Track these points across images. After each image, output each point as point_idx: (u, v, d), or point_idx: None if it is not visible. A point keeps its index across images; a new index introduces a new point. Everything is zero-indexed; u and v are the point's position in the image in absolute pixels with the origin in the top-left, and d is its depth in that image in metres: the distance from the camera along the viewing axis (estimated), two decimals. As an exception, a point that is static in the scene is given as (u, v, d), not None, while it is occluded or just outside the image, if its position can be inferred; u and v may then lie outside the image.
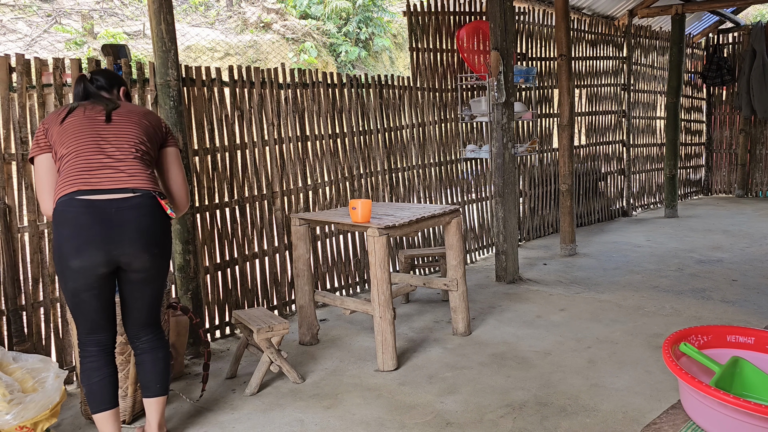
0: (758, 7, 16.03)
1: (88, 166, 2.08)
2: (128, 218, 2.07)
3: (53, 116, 2.24)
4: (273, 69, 4.10)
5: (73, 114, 2.20)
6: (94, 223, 2.03)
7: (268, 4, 12.99)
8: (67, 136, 2.14)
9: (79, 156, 2.09)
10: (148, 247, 2.13)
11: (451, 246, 3.68)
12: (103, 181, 2.07)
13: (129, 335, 2.42)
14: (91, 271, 2.07)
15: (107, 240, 2.05)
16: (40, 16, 10.92)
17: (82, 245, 2.03)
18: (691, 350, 1.15)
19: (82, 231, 2.03)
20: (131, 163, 2.14)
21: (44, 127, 2.21)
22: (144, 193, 2.12)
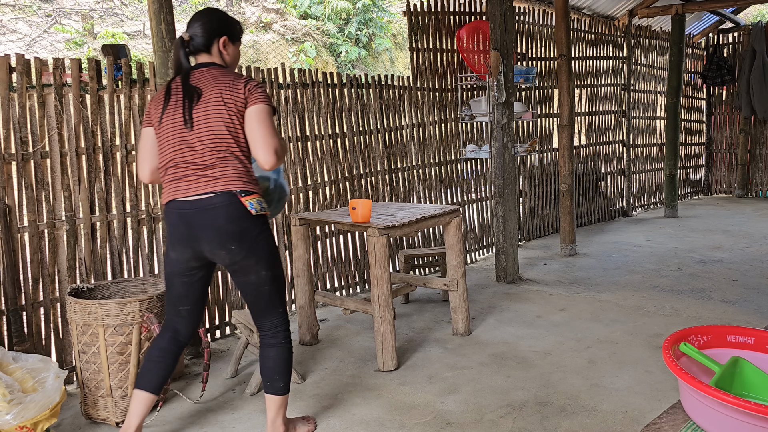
0: (758, 7, 16.04)
1: (178, 176, 2.28)
2: (205, 219, 2.25)
3: (155, 102, 2.36)
4: (273, 69, 4.10)
5: (166, 113, 2.30)
6: (180, 224, 2.29)
7: (268, 4, 12.99)
8: (162, 141, 2.32)
9: (169, 168, 2.30)
10: (223, 244, 2.27)
11: (451, 246, 3.68)
12: (189, 188, 2.27)
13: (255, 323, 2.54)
14: (182, 263, 2.34)
15: (190, 238, 2.29)
16: (40, 16, 10.92)
17: (174, 242, 2.32)
18: (691, 350, 1.15)
19: (174, 230, 2.31)
20: (213, 168, 2.25)
21: (148, 108, 2.39)
22: (222, 194, 2.24)
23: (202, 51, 2.35)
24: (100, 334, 2.68)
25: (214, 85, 2.26)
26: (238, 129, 2.25)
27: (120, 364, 2.72)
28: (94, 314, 2.67)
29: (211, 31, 2.34)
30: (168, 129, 2.29)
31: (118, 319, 2.68)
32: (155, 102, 2.36)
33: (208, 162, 2.24)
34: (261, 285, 2.36)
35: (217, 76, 2.29)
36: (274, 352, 2.42)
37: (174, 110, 2.28)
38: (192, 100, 2.25)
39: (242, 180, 2.26)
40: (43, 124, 3.09)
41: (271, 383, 2.42)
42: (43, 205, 3.11)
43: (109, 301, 2.68)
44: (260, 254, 2.31)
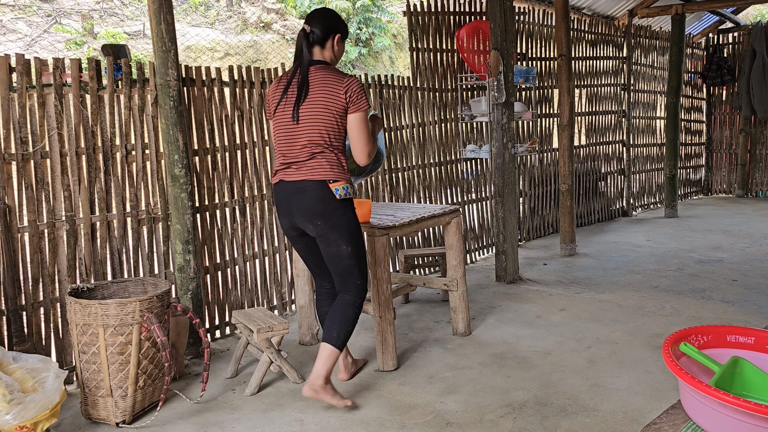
0: (758, 7, 16.04)
1: (285, 164, 2.71)
2: (300, 198, 2.68)
3: (274, 93, 2.74)
4: (273, 69, 4.10)
5: (280, 106, 2.69)
6: (282, 200, 2.73)
7: (268, 4, 12.99)
8: (275, 132, 2.74)
9: (279, 157, 2.73)
10: (311, 219, 2.69)
11: (451, 246, 3.68)
12: (292, 174, 2.69)
13: (324, 290, 3.00)
14: (287, 232, 2.82)
15: (288, 212, 2.73)
16: (40, 16, 10.92)
17: (280, 214, 2.79)
18: (691, 350, 1.15)
19: (279, 205, 2.75)
20: (312, 161, 2.66)
21: (268, 99, 2.79)
22: (315, 181, 2.66)
23: (317, 44, 2.69)
24: (100, 334, 2.68)
25: (321, 87, 2.62)
26: (338, 128, 2.66)
27: (120, 364, 2.72)
28: (94, 314, 2.67)
29: (329, 27, 2.69)
30: (280, 122, 2.69)
31: (118, 319, 2.68)
32: (273, 93, 2.73)
33: (308, 155, 2.65)
34: (341, 257, 2.75)
35: (324, 78, 2.64)
36: (341, 307, 2.78)
37: (286, 105, 2.67)
38: (302, 98, 2.62)
39: (334, 171, 2.66)
40: (43, 124, 3.09)
41: (328, 331, 2.74)
42: (43, 205, 3.11)
43: (109, 301, 2.68)
44: (341, 231, 2.70)
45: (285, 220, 2.78)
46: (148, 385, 2.83)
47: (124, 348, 2.72)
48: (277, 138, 2.72)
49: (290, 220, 2.75)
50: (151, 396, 2.88)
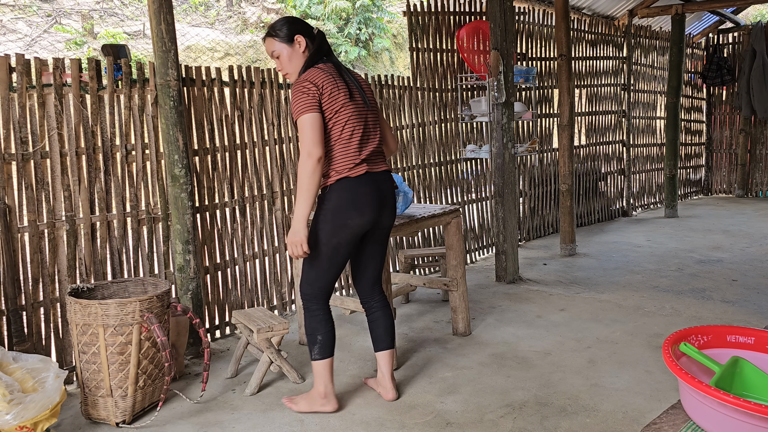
0: (758, 7, 16.03)
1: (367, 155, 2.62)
2: (389, 189, 2.70)
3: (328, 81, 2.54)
4: (273, 69, 4.10)
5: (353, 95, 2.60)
6: (373, 192, 2.62)
7: (268, 4, 13.00)
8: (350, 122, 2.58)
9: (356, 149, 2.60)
10: (393, 210, 2.76)
11: (451, 246, 3.68)
12: (377, 165, 2.67)
13: (364, 295, 2.89)
14: (360, 230, 2.63)
15: (379, 205, 2.65)
16: (40, 16, 10.92)
17: (362, 209, 2.59)
18: (691, 350, 1.15)
19: (367, 197, 2.60)
20: (381, 149, 2.73)
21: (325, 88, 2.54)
22: (389, 172, 2.75)
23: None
24: (100, 334, 2.68)
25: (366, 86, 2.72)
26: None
27: (120, 364, 2.72)
28: (94, 314, 2.67)
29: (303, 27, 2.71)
30: (355, 112, 2.59)
31: (118, 319, 2.68)
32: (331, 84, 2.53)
33: (379, 142, 2.69)
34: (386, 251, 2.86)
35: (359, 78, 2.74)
36: (390, 311, 2.89)
37: (355, 96, 2.60)
38: (362, 93, 2.64)
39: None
40: (43, 124, 3.09)
41: (393, 339, 2.89)
42: (43, 205, 3.11)
43: (109, 301, 2.68)
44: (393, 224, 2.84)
45: (369, 215, 2.62)
46: (148, 385, 2.83)
47: (124, 348, 2.72)
48: (355, 129, 2.59)
49: (376, 214, 2.64)
50: (151, 396, 2.88)
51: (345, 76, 2.61)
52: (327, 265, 2.64)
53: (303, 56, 2.62)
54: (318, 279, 2.67)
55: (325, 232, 2.59)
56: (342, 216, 2.57)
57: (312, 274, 2.67)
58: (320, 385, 2.72)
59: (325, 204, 2.60)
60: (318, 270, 2.65)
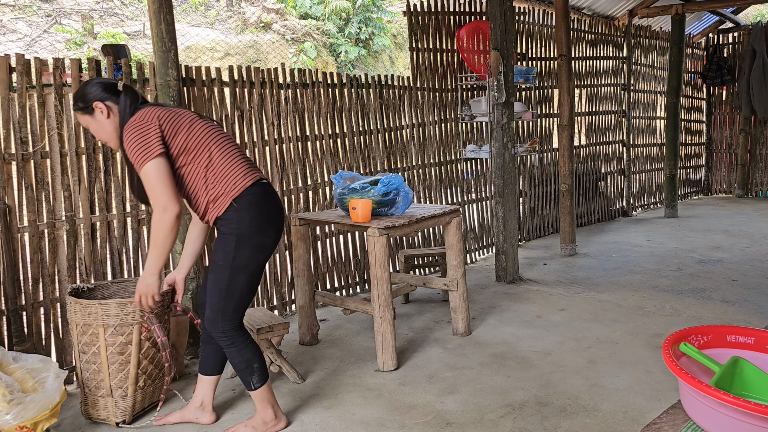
0: (758, 7, 16.03)
1: (249, 161, 2.50)
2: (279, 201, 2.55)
3: (183, 113, 2.41)
4: (273, 69, 4.10)
5: (189, 119, 2.41)
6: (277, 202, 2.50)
7: (268, 4, 12.99)
8: (221, 135, 2.45)
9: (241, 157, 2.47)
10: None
11: (451, 246, 3.68)
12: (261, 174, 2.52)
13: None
14: (276, 242, 2.47)
15: (282, 216, 2.51)
16: (40, 16, 10.92)
17: (275, 219, 2.45)
18: (691, 350, 1.15)
19: (273, 211, 2.44)
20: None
21: (179, 117, 2.38)
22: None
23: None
24: (101, 334, 2.68)
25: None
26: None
27: (120, 364, 2.72)
28: (95, 314, 2.67)
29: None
30: (210, 126, 2.42)
31: (119, 319, 2.68)
32: (187, 114, 2.40)
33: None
34: None
35: None
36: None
37: (197, 118, 2.42)
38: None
39: None
40: (43, 124, 3.09)
41: (221, 368, 2.74)
42: (43, 205, 3.11)
43: (109, 301, 2.68)
44: None
45: (279, 226, 2.47)
46: (148, 385, 2.83)
47: (125, 348, 2.72)
48: (224, 141, 2.43)
49: (282, 226, 2.51)
50: (151, 396, 2.88)
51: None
52: (248, 295, 2.43)
53: (113, 119, 2.37)
54: (238, 311, 2.44)
55: (243, 260, 2.36)
56: (258, 236, 2.37)
57: (231, 307, 2.41)
58: (267, 409, 2.57)
59: (233, 229, 2.35)
60: (240, 301, 2.42)
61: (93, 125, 2.39)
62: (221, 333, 2.42)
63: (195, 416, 2.72)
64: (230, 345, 2.45)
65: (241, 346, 2.45)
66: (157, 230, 2.25)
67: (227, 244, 2.34)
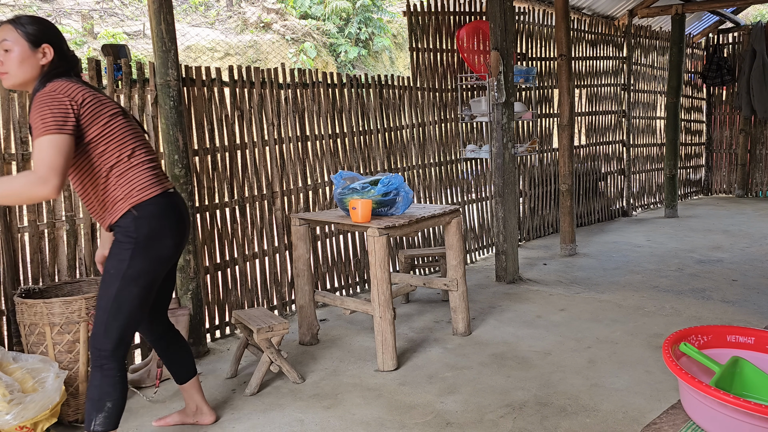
0: (758, 7, 16.03)
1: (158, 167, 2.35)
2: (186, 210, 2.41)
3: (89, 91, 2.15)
4: (273, 69, 4.10)
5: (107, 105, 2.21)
6: (184, 215, 2.35)
7: (268, 4, 12.99)
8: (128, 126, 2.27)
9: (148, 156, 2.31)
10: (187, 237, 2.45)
11: (451, 246, 3.68)
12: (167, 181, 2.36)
13: (161, 329, 2.55)
14: (172, 259, 2.29)
15: (185, 230, 2.36)
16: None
17: (175, 233, 2.28)
18: (691, 350, 1.15)
19: (181, 221, 2.31)
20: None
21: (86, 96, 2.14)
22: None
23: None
24: (47, 333, 2.68)
25: None
26: None
27: (69, 362, 2.72)
28: (40, 313, 2.66)
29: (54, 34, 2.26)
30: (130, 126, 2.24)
31: (64, 317, 2.67)
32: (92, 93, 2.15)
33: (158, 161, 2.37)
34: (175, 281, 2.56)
35: None
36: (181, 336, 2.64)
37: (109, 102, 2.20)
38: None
39: None
40: (43, 124, 3.09)
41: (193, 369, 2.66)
42: (43, 205, 3.11)
43: (54, 300, 2.68)
44: None
45: (181, 240, 2.31)
46: None
47: (72, 346, 2.72)
48: (137, 144, 2.23)
49: (184, 239, 2.34)
50: None
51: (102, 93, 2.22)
52: (138, 312, 2.22)
53: (38, 68, 2.15)
54: (124, 330, 2.19)
55: (137, 270, 2.16)
56: (156, 247, 2.20)
57: (116, 325, 2.16)
58: None
59: (130, 237, 2.17)
60: (128, 319, 2.18)
61: (17, 53, 2.10)
62: (97, 349, 2.16)
63: (195, 419, 2.71)
64: (97, 367, 2.16)
65: (104, 374, 2.16)
66: (20, 191, 1.97)
67: (121, 252, 2.16)
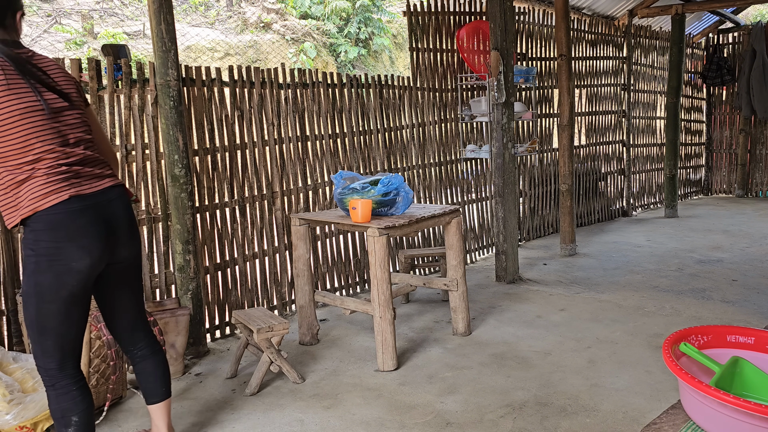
0: (758, 7, 16.04)
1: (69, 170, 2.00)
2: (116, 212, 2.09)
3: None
4: (273, 69, 4.10)
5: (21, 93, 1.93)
6: (96, 221, 2.02)
7: (268, 4, 12.99)
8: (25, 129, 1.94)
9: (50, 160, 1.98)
10: (132, 239, 2.16)
11: (451, 246, 3.68)
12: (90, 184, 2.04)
13: (123, 344, 2.30)
14: (90, 273, 2.01)
15: (100, 237, 2.02)
16: (40, 16, 10.92)
17: (85, 244, 1.98)
18: (691, 350, 1.15)
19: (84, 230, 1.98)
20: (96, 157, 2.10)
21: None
22: (120, 187, 2.14)
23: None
24: None
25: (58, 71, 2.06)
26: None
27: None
28: None
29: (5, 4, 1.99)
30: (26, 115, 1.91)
31: None
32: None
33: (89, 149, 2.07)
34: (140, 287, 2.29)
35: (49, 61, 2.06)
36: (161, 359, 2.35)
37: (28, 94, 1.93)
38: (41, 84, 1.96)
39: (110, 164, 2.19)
40: (43, 124, 3.09)
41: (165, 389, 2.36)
42: (43, 205, 3.11)
43: None
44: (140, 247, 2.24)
45: (96, 251, 1.98)
46: (101, 383, 2.81)
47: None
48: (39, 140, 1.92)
49: (105, 249, 2.01)
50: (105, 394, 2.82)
51: (26, 67, 1.94)
52: (64, 327, 2.00)
53: None
54: (61, 346, 2.01)
55: (47, 285, 1.94)
56: (63, 259, 1.93)
57: (49, 343, 1.99)
58: None
59: (32, 247, 1.94)
60: (58, 336, 1.99)
61: None
62: (44, 369, 2.03)
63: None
64: (50, 387, 2.04)
65: (59, 393, 2.03)
66: None
67: (27, 267, 1.96)
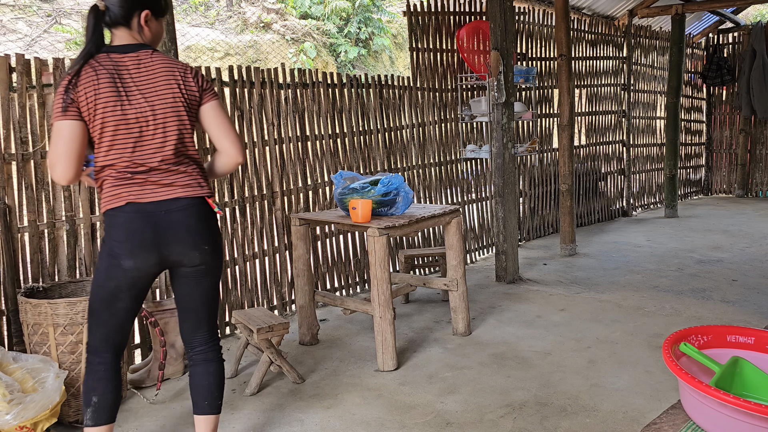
0: (758, 7, 16.03)
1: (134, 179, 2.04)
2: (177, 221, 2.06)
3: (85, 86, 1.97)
4: (273, 69, 4.10)
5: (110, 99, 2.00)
6: (145, 228, 2.04)
7: (268, 4, 12.99)
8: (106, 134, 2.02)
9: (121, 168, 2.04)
10: (196, 246, 2.10)
11: (451, 246, 3.68)
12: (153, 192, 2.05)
13: (185, 344, 2.27)
14: (138, 272, 2.05)
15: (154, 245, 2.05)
16: (40, 16, 10.92)
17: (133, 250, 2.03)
18: (691, 350, 1.15)
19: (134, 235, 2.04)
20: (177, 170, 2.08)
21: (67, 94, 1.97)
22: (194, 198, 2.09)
23: (120, 24, 2.06)
24: (50, 333, 2.68)
25: (164, 71, 2.08)
26: (193, 126, 2.12)
27: (71, 363, 2.72)
28: (44, 314, 2.66)
29: (132, 1, 2.06)
30: (116, 122, 1.98)
31: (68, 318, 2.67)
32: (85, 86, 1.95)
33: (165, 157, 2.04)
34: (215, 289, 2.22)
35: (163, 61, 2.11)
36: (215, 368, 2.24)
37: (117, 100, 1.98)
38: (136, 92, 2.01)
39: (205, 181, 2.16)
40: (43, 124, 3.09)
41: (211, 401, 2.21)
42: (43, 205, 3.11)
43: (59, 300, 2.67)
44: (221, 256, 2.20)
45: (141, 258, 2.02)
46: None
47: (75, 347, 2.72)
48: (115, 142, 1.99)
49: (155, 257, 2.04)
50: None
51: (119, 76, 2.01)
52: (106, 314, 2.06)
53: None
54: (99, 328, 2.08)
55: (102, 272, 2.05)
56: (115, 255, 2.01)
57: (92, 322, 2.09)
58: None
59: (104, 238, 2.07)
60: (96, 317, 2.07)
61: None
62: (87, 345, 2.14)
63: None
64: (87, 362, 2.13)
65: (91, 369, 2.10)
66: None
67: (99, 252, 2.10)
